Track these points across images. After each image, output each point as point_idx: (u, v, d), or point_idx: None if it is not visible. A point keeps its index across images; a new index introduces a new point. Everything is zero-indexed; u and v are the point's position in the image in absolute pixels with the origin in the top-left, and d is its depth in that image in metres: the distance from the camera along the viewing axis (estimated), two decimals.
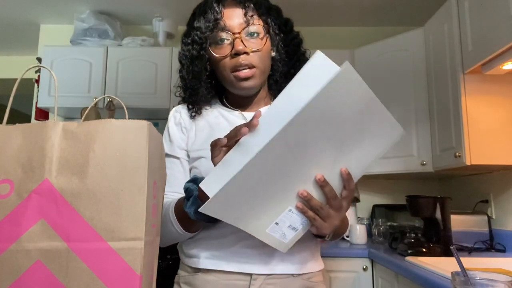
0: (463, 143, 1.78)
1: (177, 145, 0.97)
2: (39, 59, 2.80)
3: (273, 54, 0.95)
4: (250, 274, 0.87)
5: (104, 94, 2.53)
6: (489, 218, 1.99)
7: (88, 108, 0.81)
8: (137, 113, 2.64)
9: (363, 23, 2.92)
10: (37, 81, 2.73)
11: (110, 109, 2.52)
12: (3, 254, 0.51)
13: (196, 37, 0.92)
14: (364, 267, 2.01)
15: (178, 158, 0.97)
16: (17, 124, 0.56)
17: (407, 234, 1.91)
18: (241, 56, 0.88)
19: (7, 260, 0.51)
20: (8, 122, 0.58)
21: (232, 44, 0.89)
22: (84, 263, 0.51)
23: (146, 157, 0.55)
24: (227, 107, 0.99)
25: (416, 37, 2.30)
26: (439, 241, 1.79)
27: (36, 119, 2.80)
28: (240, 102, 0.98)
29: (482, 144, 1.77)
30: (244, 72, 0.89)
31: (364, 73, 2.50)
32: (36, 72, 2.74)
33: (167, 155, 0.97)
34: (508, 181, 1.96)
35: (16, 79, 0.63)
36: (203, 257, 0.89)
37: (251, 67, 0.89)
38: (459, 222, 1.93)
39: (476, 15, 1.70)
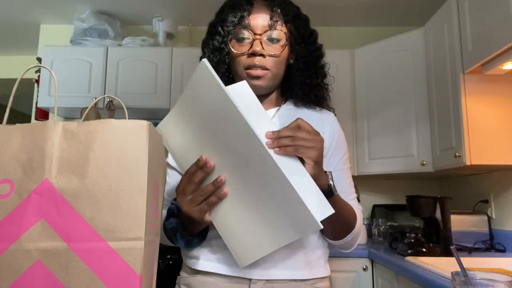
0: (463, 143, 1.78)
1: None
2: (39, 59, 2.79)
3: (291, 61, 0.97)
4: (250, 279, 0.86)
5: (104, 94, 2.53)
6: (489, 218, 1.99)
7: (88, 108, 0.81)
8: (137, 113, 2.64)
9: (363, 23, 2.92)
10: (37, 81, 2.73)
11: (110, 109, 2.51)
12: (3, 254, 0.51)
13: (220, 29, 0.95)
14: (364, 267, 2.01)
15: (174, 168, 0.97)
16: (17, 124, 0.56)
17: (407, 234, 1.91)
18: (257, 57, 0.90)
19: (7, 260, 0.51)
20: (8, 122, 0.58)
21: (251, 44, 0.90)
22: (84, 263, 0.51)
23: (146, 157, 0.55)
24: None
25: (416, 37, 2.30)
26: (439, 241, 1.79)
27: (36, 119, 2.80)
28: None
29: (482, 144, 1.77)
30: (256, 71, 0.91)
31: (364, 73, 2.51)
32: (36, 72, 2.74)
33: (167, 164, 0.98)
34: (508, 181, 1.96)
35: (16, 79, 0.63)
36: (203, 259, 0.89)
37: (264, 69, 0.91)
38: (459, 222, 1.93)
39: (476, 15, 1.70)
